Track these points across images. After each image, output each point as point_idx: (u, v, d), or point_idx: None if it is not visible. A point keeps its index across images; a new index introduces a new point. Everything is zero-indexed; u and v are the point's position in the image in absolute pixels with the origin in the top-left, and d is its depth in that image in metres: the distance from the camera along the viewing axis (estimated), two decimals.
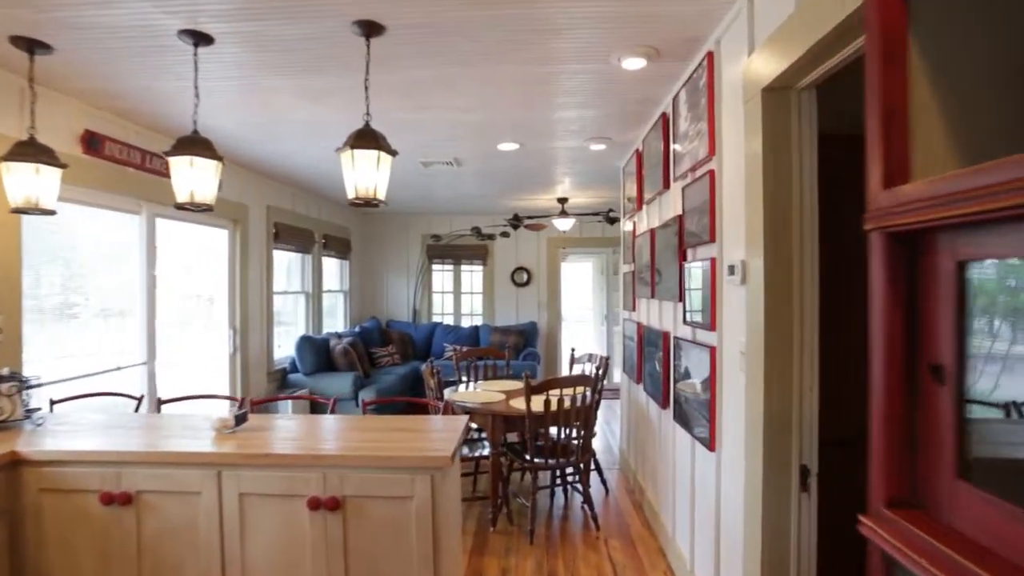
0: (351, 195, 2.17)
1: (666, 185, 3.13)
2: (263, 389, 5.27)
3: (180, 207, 2.24)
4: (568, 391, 3.35)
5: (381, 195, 2.18)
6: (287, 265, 6.22)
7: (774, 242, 1.84)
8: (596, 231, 8.09)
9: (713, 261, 2.32)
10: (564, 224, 6.35)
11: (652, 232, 3.44)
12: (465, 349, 7.42)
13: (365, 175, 2.12)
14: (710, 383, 2.32)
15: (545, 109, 3.36)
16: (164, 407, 2.84)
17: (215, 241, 4.72)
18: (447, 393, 3.87)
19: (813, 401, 1.84)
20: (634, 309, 4.14)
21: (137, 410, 2.81)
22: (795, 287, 1.84)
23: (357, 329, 7.12)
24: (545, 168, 4.95)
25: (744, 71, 1.99)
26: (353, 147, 2.10)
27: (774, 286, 1.84)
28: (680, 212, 2.80)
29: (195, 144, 2.19)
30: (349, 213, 7.56)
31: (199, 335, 4.58)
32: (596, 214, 6.38)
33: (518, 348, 7.36)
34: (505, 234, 7.34)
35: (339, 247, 7.13)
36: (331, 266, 7.35)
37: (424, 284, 8.19)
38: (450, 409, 3.78)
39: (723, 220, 2.26)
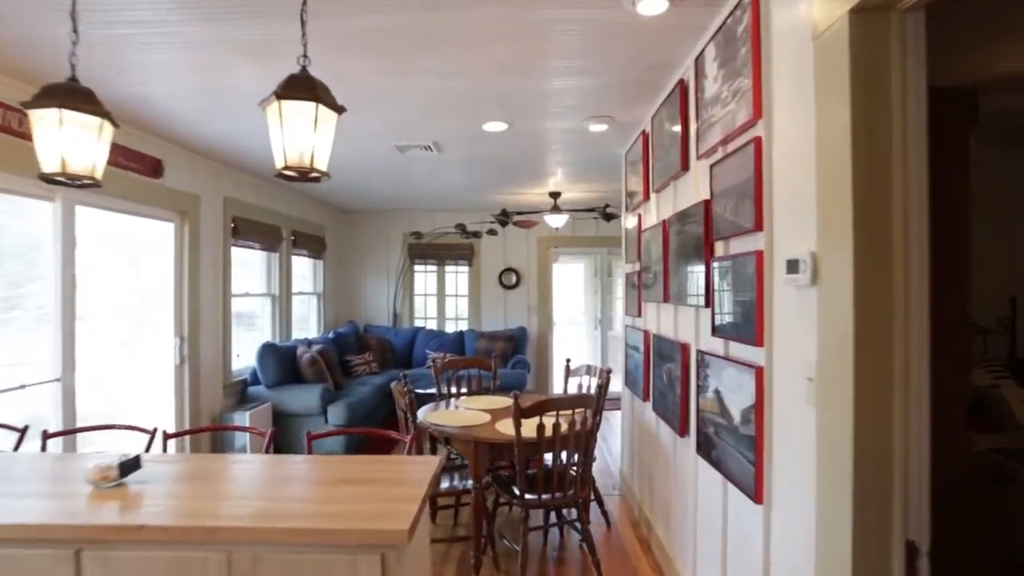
0: (279, 163, 1.60)
1: (684, 167, 2.60)
2: (218, 405, 4.66)
3: (48, 180, 1.65)
4: (565, 413, 2.80)
5: (321, 164, 1.62)
6: (254, 265, 5.62)
7: (867, 227, 1.30)
8: (590, 230, 7.57)
9: (759, 256, 1.78)
10: (556, 221, 5.81)
11: (664, 224, 2.90)
12: (447, 359, 6.86)
13: (298, 136, 1.56)
14: (755, 414, 1.78)
15: (537, 76, 2.81)
16: (52, 442, 2.24)
17: (159, 236, 4.11)
18: (422, 414, 3.30)
19: (923, 451, 1.30)
20: (639, 315, 3.61)
21: (18, 447, 2.21)
22: (897, 290, 1.30)
23: (331, 335, 6.52)
24: (536, 156, 4.41)
25: None
26: (281, 97, 1.53)
27: (867, 288, 1.30)
28: (706, 196, 2.27)
29: (69, 94, 1.61)
30: (324, 209, 6.96)
31: (139, 345, 3.97)
32: (591, 210, 5.85)
33: (506, 355, 6.81)
34: (492, 232, 6.79)
35: (312, 245, 6.53)
36: (303, 266, 6.75)
37: (405, 286, 7.61)
38: (422, 440, 3.21)
39: (774, 201, 1.72)
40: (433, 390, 5.73)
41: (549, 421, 2.75)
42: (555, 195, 5.81)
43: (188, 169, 4.25)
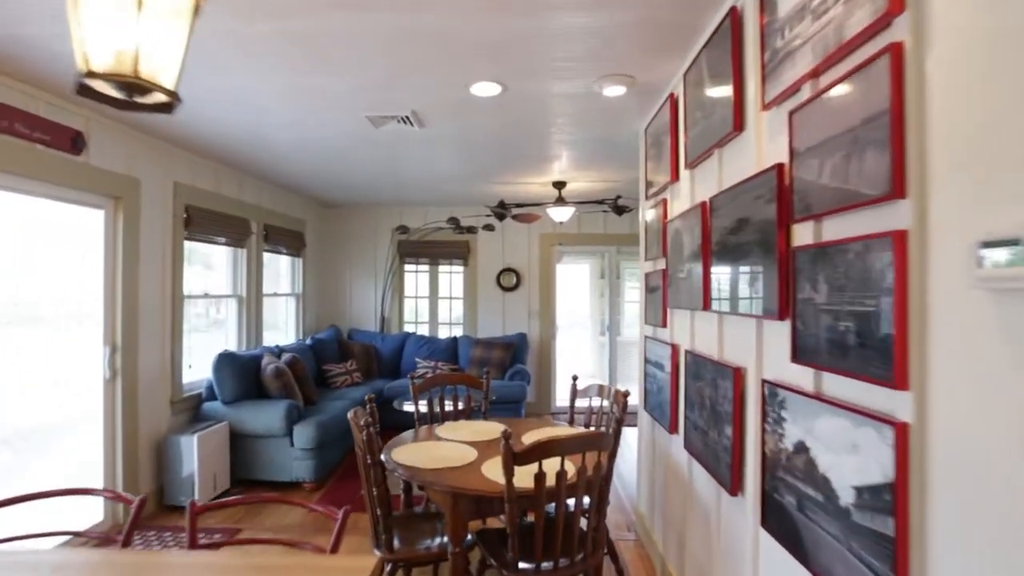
0: (80, 65, 0.92)
1: (737, 126, 1.90)
2: (163, 424, 3.97)
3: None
4: (573, 457, 2.10)
5: (161, 76, 0.93)
6: (220, 262, 4.94)
7: None
8: (597, 226, 6.87)
9: (899, 239, 1.08)
10: (561, 214, 5.12)
11: (704, 208, 2.21)
12: (437, 370, 6.14)
13: (112, 26, 0.88)
14: (894, 496, 1.08)
15: (538, 10, 2.12)
16: None
17: (83, 226, 3.44)
18: (390, 448, 2.60)
19: None
20: (664, 324, 2.91)
21: None
22: None
23: (308, 341, 5.83)
24: (538, 133, 3.72)
25: None
26: None
27: None
28: (780, 159, 1.57)
29: None
30: (303, 201, 6.28)
31: (57, 355, 3.29)
32: (600, 202, 5.15)
33: (504, 365, 6.11)
34: (489, 227, 6.09)
35: (289, 241, 5.85)
36: (280, 265, 6.07)
37: (395, 287, 6.92)
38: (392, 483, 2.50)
39: (931, 147, 1.02)
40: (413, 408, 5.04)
41: (551, 465, 2.05)
42: (559, 185, 5.12)
43: (123, 146, 3.57)
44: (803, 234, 1.48)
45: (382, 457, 2.42)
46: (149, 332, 3.82)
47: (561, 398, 6.97)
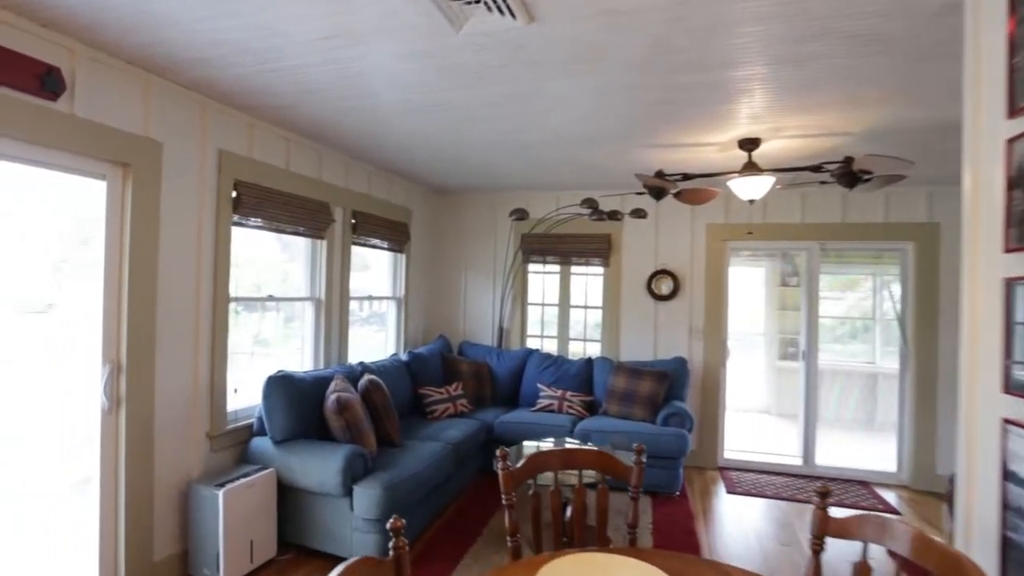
0: None
1: None
2: (196, 467, 3.02)
3: None
4: None
5: None
6: (297, 256, 4.01)
7: None
8: (791, 211, 4.91)
9: None
10: (753, 187, 3.37)
11: None
12: (551, 406, 4.52)
13: None
14: None
15: None
16: None
17: (76, 205, 2.55)
18: None
19: None
20: None
21: None
22: None
23: (405, 357, 4.73)
24: (717, 42, 2.09)
25: None
26: None
27: None
28: None
29: None
30: (407, 185, 5.22)
31: (32, 378, 2.42)
32: (816, 168, 3.30)
33: (654, 402, 4.47)
34: (639, 212, 4.48)
35: (387, 233, 4.81)
36: (376, 261, 5.07)
37: (516, 292, 5.60)
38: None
39: None
40: (540, 442, 3.62)
41: None
42: (750, 144, 3.38)
43: (131, 96, 2.63)
44: None
45: None
46: (173, 345, 2.88)
47: (732, 447, 5.11)
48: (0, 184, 2.25)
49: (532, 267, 5.62)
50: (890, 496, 4.35)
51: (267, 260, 3.88)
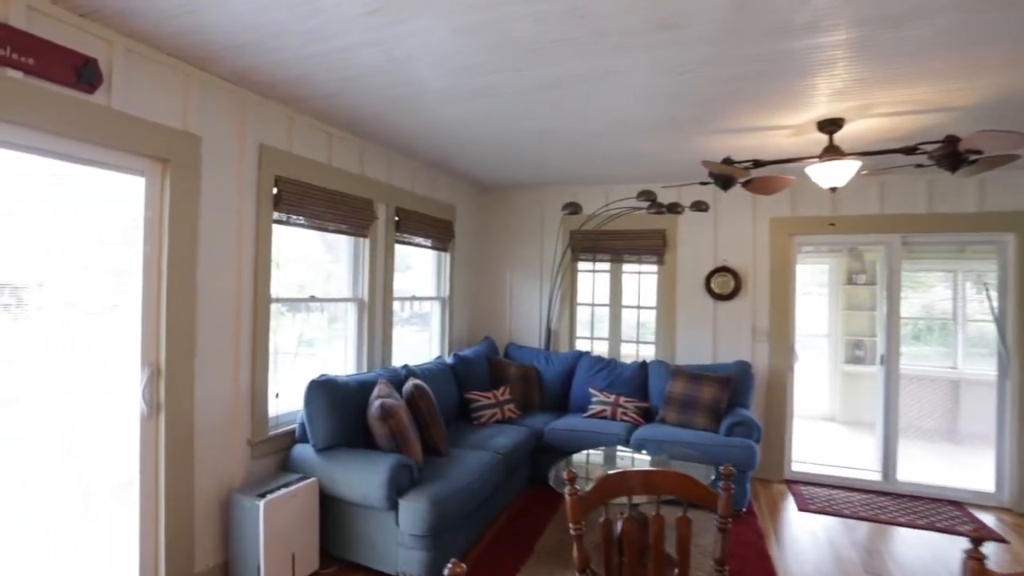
0: None
1: None
2: (238, 475, 2.90)
3: None
4: None
5: None
6: (341, 255, 3.88)
7: None
8: (868, 202, 4.48)
9: None
10: (835, 173, 3.02)
11: None
12: (604, 413, 4.17)
13: None
14: None
15: None
16: None
17: (116, 200, 2.45)
18: None
19: None
20: None
21: None
22: None
23: (450, 360, 4.54)
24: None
25: None
26: None
27: None
28: None
29: None
30: (451, 181, 5.04)
31: (75, 382, 2.33)
32: (911, 149, 2.92)
33: (717, 409, 4.13)
34: (700, 205, 4.15)
35: (431, 231, 4.64)
36: (419, 260, 4.91)
37: (564, 292, 5.35)
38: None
39: None
40: (589, 452, 3.30)
41: None
42: (831, 126, 3.03)
43: (171, 88, 2.52)
44: None
45: None
46: (213, 348, 2.76)
47: (799, 458, 4.71)
48: (65, 184, 2.17)
49: (581, 265, 5.35)
50: (988, 519, 3.88)
51: (310, 259, 3.76)
